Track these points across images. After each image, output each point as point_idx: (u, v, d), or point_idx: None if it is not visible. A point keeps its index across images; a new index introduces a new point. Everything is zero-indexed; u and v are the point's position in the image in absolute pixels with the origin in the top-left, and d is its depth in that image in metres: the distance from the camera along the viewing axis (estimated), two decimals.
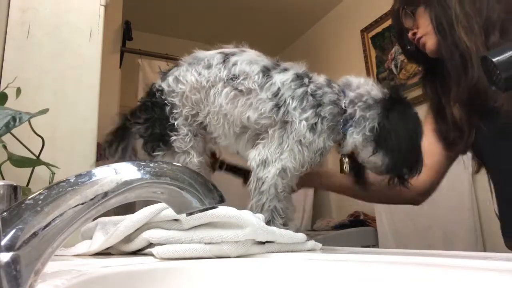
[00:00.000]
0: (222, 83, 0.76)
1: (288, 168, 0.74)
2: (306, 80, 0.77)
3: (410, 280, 0.36)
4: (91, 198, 0.26)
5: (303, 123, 0.73)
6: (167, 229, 0.54)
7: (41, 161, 0.80)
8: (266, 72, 0.76)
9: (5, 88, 0.83)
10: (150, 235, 0.53)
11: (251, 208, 0.74)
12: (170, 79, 0.80)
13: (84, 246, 0.60)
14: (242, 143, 0.79)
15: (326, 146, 0.77)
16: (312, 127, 0.74)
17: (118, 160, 0.84)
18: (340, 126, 0.77)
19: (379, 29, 2.59)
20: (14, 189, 0.32)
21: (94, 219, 0.61)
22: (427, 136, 0.97)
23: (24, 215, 0.24)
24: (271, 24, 3.16)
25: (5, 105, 0.78)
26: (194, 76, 0.77)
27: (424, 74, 1.08)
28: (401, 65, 2.41)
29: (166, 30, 3.23)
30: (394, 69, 2.46)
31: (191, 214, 0.31)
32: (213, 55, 0.79)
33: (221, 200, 0.31)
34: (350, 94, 0.77)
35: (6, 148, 0.76)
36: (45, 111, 0.76)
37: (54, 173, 0.82)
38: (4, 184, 0.32)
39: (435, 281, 0.34)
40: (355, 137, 0.77)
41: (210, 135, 0.82)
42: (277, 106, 0.74)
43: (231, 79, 0.76)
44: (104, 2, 1.04)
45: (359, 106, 0.76)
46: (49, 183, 0.73)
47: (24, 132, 0.80)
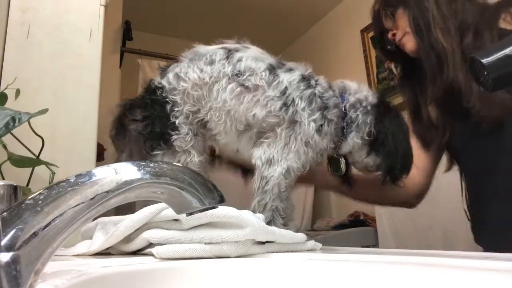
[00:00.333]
0: (227, 79, 0.75)
1: (292, 169, 0.75)
2: (313, 82, 0.78)
3: (410, 280, 0.36)
4: (91, 198, 0.26)
5: (312, 125, 0.74)
6: (167, 229, 0.54)
7: (41, 161, 0.80)
8: (272, 70, 0.76)
9: (5, 89, 0.83)
10: (150, 235, 0.53)
11: (254, 208, 0.74)
12: (171, 76, 0.78)
13: (84, 246, 0.60)
14: (244, 141, 0.79)
15: (328, 148, 0.79)
16: (319, 129, 0.75)
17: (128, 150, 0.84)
18: (344, 129, 0.79)
19: None
20: (14, 189, 0.32)
21: (94, 219, 0.61)
22: (412, 140, 0.99)
23: (24, 215, 0.24)
24: (271, 24, 3.17)
25: (5, 105, 0.78)
26: (196, 73, 0.76)
27: (402, 74, 1.10)
28: None
29: (166, 30, 3.23)
30: (394, 69, 2.46)
31: (191, 214, 0.31)
32: (215, 51, 0.78)
33: (221, 200, 0.31)
34: (351, 99, 0.79)
35: (6, 148, 0.76)
36: (45, 111, 0.76)
37: (54, 173, 0.82)
38: (4, 184, 0.32)
39: (435, 281, 0.34)
40: (356, 141, 0.79)
41: (210, 132, 0.80)
42: (286, 105, 0.74)
43: (236, 75, 0.75)
44: (104, 2, 1.04)
45: (361, 111, 0.79)
46: (49, 183, 0.73)
47: (24, 132, 0.80)
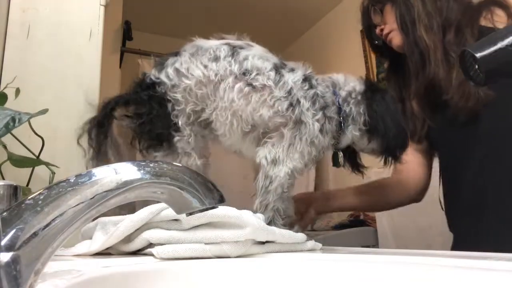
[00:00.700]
0: (233, 77, 0.73)
1: (296, 169, 0.75)
2: (314, 82, 0.78)
3: (410, 280, 0.36)
4: (91, 198, 0.26)
5: (316, 125, 0.75)
6: (167, 229, 0.54)
7: (41, 161, 0.80)
8: (278, 70, 0.75)
9: (5, 88, 0.83)
10: (150, 235, 0.53)
11: (257, 208, 0.74)
12: (170, 71, 0.74)
13: (84, 246, 0.59)
14: (248, 142, 0.78)
15: (329, 145, 0.80)
16: (321, 128, 0.76)
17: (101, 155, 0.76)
18: (341, 124, 0.79)
19: None
20: (14, 189, 0.32)
21: (94, 219, 0.61)
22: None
23: (24, 215, 0.24)
24: (271, 24, 3.16)
25: (5, 105, 0.78)
26: (200, 69, 0.73)
27: (389, 68, 1.12)
28: None
29: (166, 30, 3.23)
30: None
31: (191, 214, 0.31)
32: (219, 46, 0.75)
33: (221, 200, 0.31)
34: (342, 93, 0.80)
35: (6, 148, 0.76)
36: (45, 111, 0.76)
37: (54, 173, 0.82)
38: (4, 184, 0.32)
39: (435, 281, 0.34)
40: (354, 133, 0.80)
41: (214, 133, 0.78)
42: (292, 105, 0.74)
43: (243, 74, 0.73)
44: (104, 2, 1.04)
45: (353, 103, 0.80)
46: (49, 183, 0.73)
47: (24, 132, 0.80)
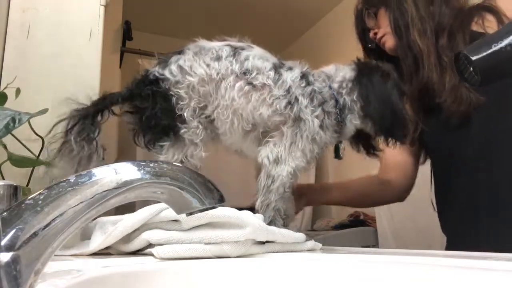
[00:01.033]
0: (234, 76, 0.74)
1: (298, 168, 0.75)
2: (312, 78, 0.79)
3: (410, 280, 0.36)
4: (91, 198, 0.26)
5: (316, 121, 0.75)
6: (167, 230, 0.54)
7: (41, 161, 0.80)
8: (277, 70, 0.77)
9: (5, 88, 0.83)
10: (150, 236, 0.53)
11: (258, 207, 0.74)
12: (174, 68, 0.75)
13: (83, 246, 0.60)
14: (249, 142, 0.79)
15: (331, 139, 0.80)
16: (321, 124, 0.76)
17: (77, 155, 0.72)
18: (339, 117, 0.79)
19: None
20: (14, 189, 0.32)
21: (94, 219, 0.61)
22: None
23: (24, 215, 0.24)
24: (271, 24, 3.16)
25: (5, 105, 0.78)
26: (203, 68, 0.74)
27: None
28: None
29: (166, 30, 3.23)
30: None
31: (191, 214, 0.31)
32: (221, 47, 0.77)
33: (221, 200, 0.31)
34: (334, 85, 0.80)
35: (6, 148, 0.76)
36: (45, 111, 0.76)
37: None
38: (4, 184, 0.32)
39: (435, 281, 0.34)
40: (355, 122, 0.81)
41: (216, 131, 0.79)
42: (290, 103, 0.75)
43: (244, 73, 0.75)
44: (104, 2, 1.04)
45: (346, 93, 0.80)
46: (49, 183, 0.73)
47: (24, 132, 0.80)
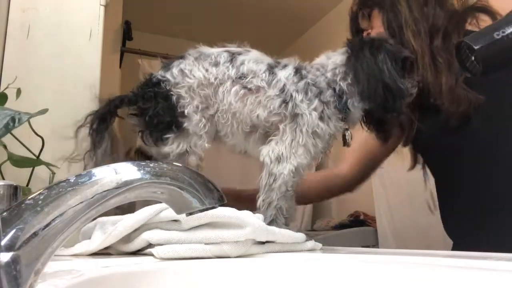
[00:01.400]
0: (231, 81, 0.76)
1: (302, 166, 0.75)
2: (304, 72, 0.79)
3: (410, 280, 0.36)
4: (91, 198, 0.26)
5: (314, 114, 0.75)
6: (167, 230, 0.54)
7: (41, 161, 0.80)
8: (271, 70, 0.78)
9: (5, 89, 0.83)
10: (150, 236, 0.53)
11: (259, 206, 0.74)
12: (175, 71, 0.78)
13: (83, 246, 0.60)
14: (253, 142, 0.80)
15: (338, 129, 0.79)
16: (321, 116, 0.76)
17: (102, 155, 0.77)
18: (337, 105, 0.78)
19: None
20: (14, 189, 0.32)
21: (94, 219, 0.61)
22: (363, 132, 1.00)
23: (24, 215, 0.24)
24: (271, 24, 3.17)
25: (5, 106, 0.78)
26: (202, 72, 0.77)
27: None
28: None
29: (166, 30, 3.23)
30: None
31: (191, 214, 0.31)
32: (220, 53, 0.79)
33: (221, 200, 0.31)
34: (328, 74, 0.79)
35: (6, 148, 0.76)
36: (45, 111, 0.76)
37: (54, 173, 0.82)
38: (4, 184, 0.32)
39: (435, 281, 0.34)
40: (357, 105, 0.78)
41: (218, 134, 0.81)
42: (285, 102, 0.75)
43: (240, 78, 0.76)
44: (104, 2, 1.04)
45: (340, 79, 0.78)
46: (49, 183, 0.73)
47: (24, 132, 0.80)
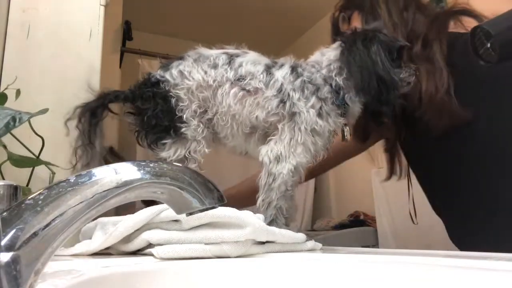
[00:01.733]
0: (229, 84, 0.77)
1: (301, 165, 0.75)
2: (300, 70, 0.79)
3: (410, 280, 0.36)
4: (91, 198, 0.26)
5: (311, 111, 0.75)
6: (167, 230, 0.54)
7: (41, 161, 0.80)
8: (268, 71, 0.78)
9: (5, 89, 0.83)
10: (150, 236, 0.53)
11: (259, 206, 0.74)
12: (174, 72, 0.78)
13: (83, 246, 0.60)
14: (253, 143, 0.80)
15: (338, 124, 0.79)
16: (319, 113, 0.76)
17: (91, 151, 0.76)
18: (335, 100, 0.78)
19: None
20: (14, 189, 0.32)
21: (94, 219, 0.61)
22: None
23: (24, 215, 0.24)
24: (271, 24, 3.16)
25: (5, 105, 0.78)
26: (201, 74, 0.77)
27: None
28: None
29: (166, 30, 3.23)
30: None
31: (191, 214, 0.31)
32: (218, 55, 0.79)
33: (221, 200, 0.31)
34: (323, 70, 0.79)
35: (6, 148, 0.76)
36: (45, 111, 0.76)
37: (54, 173, 0.82)
38: (4, 184, 0.32)
39: (435, 281, 0.34)
40: (354, 99, 0.79)
41: (218, 136, 0.81)
42: (283, 101, 0.75)
43: (238, 80, 0.77)
44: (104, 2, 1.04)
45: (336, 73, 0.78)
46: (49, 183, 0.73)
47: (24, 132, 0.80)
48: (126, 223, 0.54)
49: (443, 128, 0.87)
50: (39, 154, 0.81)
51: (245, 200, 0.90)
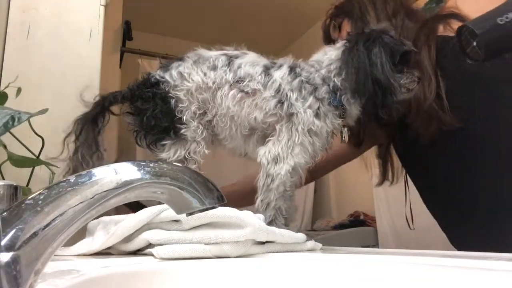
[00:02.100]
0: (228, 86, 0.77)
1: (300, 165, 0.75)
2: (298, 70, 0.78)
3: (410, 280, 0.36)
4: (91, 198, 0.26)
5: (309, 111, 0.75)
6: (167, 230, 0.54)
7: (41, 161, 0.80)
8: (267, 71, 0.78)
9: (6, 88, 0.83)
10: (150, 236, 0.53)
11: (258, 206, 0.74)
12: (174, 73, 0.78)
13: (85, 246, 0.60)
14: (252, 145, 0.80)
15: (335, 125, 0.78)
16: (317, 113, 0.75)
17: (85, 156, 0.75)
18: (332, 101, 0.77)
19: None
20: (14, 189, 0.32)
21: (95, 219, 0.61)
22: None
23: (24, 215, 0.24)
24: (271, 24, 3.16)
25: (5, 105, 0.78)
26: (200, 76, 0.77)
27: None
28: None
29: (166, 30, 3.23)
30: None
31: (191, 214, 0.31)
32: (218, 56, 0.79)
33: (221, 200, 0.31)
34: (323, 70, 0.79)
35: (6, 148, 0.76)
36: (45, 111, 0.76)
37: (54, 173, 0.82)
38: (4, 184, 0.32)
39: (435, 281, 0.34)
40: (351, 101, 0.78)
41: (217, 137, 0.81)
42: (281, 102, 0.75)
43: (237, 82, 0.77)
44: (104, 2, 1.04)
45: (334, 73, 0.78)
46: (49, 183, 0.73)
47: (24, 132, 0.80)
48: (128, 223, 0.54)
49: (432, 136, 0.87)
50: (39, 154, 0.81)
51: (243, 200, 0.90)
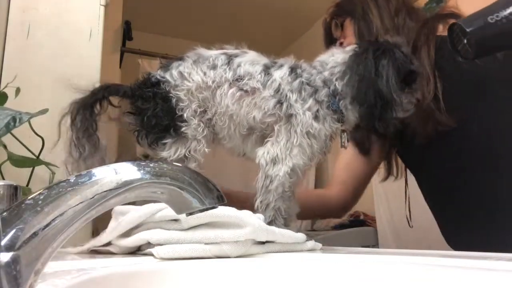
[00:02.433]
0: (228, 84, 0.76)
1: (298, 166, 0.75)
2: (299, 71, 0.78)
3: (410, 280, 0.36)
4: (91, 198, 0.26)
5: (308, 113, 0.74)
6: (167, 229, 0.54)
7: (41, 161, 0.80)
8: (267, 71, 0.77)
9: (5, 88, 0.83)
10: (150, 235, 0.53)
11: (257, 207, 0.74)
12: (175, 73, 0.78)
13: (93, 240, 0.60)
14: (250, 145, 0.80)
15: (333, 129, 0.77)
16: (316, 116, 0.75)
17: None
18: (330, 105, 0.76)
19: None
20: (14, 189, 0.32)
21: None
22: (347, 153, 1.05)
23: (24, 215, 0.24)
24: (271, 24, 3.17)
25: (5, 105, 0.78)
26: (200, 75, 0.77)
27: None
28: None
29: (166, 30, 3.23)
30: None
31: (191, 214, 0.31)
32: (217, 56, 0.79)
33: (221, 200, 0.31)
34: (326, 72, 0.78)
35: (6, 148, 0.76)
36: (45, 111, 0.76)
37: (54, 173, 0.82)
38: (4, 184, 0.32)
39: (435, 281, 0.34)
40: (350, 107, 0.77)
41: (217, 136, 0.81)
42: (280, 102, 0.75)
43: (237, 80, 0.76)
44: (104, 2, 1.04)
45: (337, 77, 0.77)
46: (49, 183, 0.73)
47: (24, 132, 0.80)
48: (129, 218, 0.54)
49: (428, 135, 0.87)
50: (39, 154, 0.81)
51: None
